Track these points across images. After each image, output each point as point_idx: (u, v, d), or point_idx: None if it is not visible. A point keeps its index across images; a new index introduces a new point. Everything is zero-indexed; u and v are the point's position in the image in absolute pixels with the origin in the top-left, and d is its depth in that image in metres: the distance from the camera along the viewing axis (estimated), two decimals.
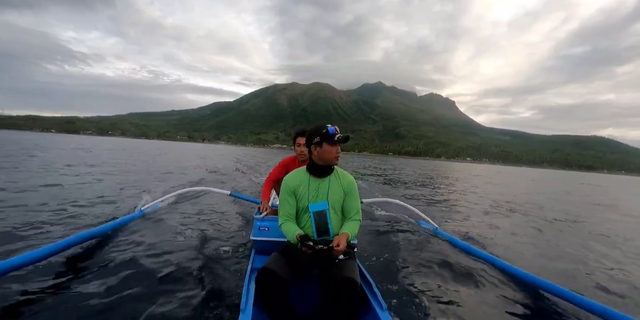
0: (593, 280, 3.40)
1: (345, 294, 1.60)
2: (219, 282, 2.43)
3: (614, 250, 4.89)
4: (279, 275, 1.65)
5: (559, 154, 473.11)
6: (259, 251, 2.36)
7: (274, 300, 1.66)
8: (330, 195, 1.97)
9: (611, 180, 58.59)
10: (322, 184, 1.98)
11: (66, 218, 4.09)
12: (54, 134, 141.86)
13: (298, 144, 2.90)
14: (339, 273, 1.66)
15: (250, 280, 1.88)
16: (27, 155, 13.53)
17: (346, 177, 2.04)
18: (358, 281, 1.65)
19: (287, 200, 1.99)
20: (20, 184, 6.26)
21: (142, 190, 6.63)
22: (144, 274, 2.49)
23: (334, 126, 1.90)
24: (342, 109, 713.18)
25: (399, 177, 18.22)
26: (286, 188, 2.00)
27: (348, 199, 2.00)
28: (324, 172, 1.98)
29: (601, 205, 11.88)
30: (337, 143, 1.91)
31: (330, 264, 1.76)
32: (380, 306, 1.65)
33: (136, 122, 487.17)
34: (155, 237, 3.43)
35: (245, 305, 1.60)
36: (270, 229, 2.29)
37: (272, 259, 1.78)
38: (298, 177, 2.02)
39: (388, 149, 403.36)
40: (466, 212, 7.33)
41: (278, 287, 1.65)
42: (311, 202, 1.95)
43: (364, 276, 1.91)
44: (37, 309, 1.94)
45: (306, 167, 2.05)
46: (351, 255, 1.83)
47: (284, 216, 1.98)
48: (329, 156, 1.93)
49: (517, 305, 2.55)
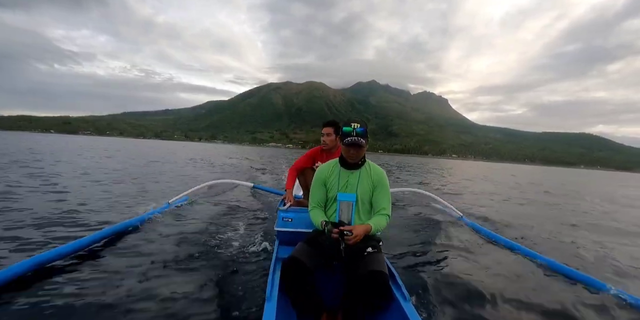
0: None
1: (373, 286, 1.62)
2: (245, 271, 2.50)
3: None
4: (305, 264, 1.66)
5: (547, 151, 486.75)
6: (283, 242, 2.36)
7: (299, 289, 1.68)
8: (360, 188, 1.97)
9: (583, 174, 65.44)
10: (351, 176, 2.00)
11: (104, 211, 4.28)
12: (55, 135, 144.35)
13: (323, 134, 3.03)
14: (367, 266, 1.68)
15: (275, 270, 1.90)
16: (55, 160, 11.93)
17: (377, 171, 2.03)
18: (386, 273, 1.66)
19: (318, 189, 2.05)
20: (59, 184, 6.17)
21: (183, 182, 7.43)
22: (173, 264, 2.59)
23: (353, 123, 1.87)
24: (337, 108, 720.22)
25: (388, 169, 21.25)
26: (318, 178, 2.07)
27: (377, 193, 1.99)
28: (352, 166, 2.00)
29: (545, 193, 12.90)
30: (348, 146, 1.91)
31: (358, 257, 1.78)
32: (404, 297, 1.64)
33: (132, 122, 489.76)
34: (182, 228, 3.60)
35: (270, 294, 1.62)
36: (293, 220, 2.30)
37: (298, 248, 1.80)
38: (330, 168, 2.06)
39: (378, 146, 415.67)
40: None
41: (303, 276, 1.66)
42: (340, 191, 1.98)
43: (388, 268, 1.87)
44: (70, 301, 1.96)
45: (338, 158, 2.07)
46: (378, 248, 1.85)
47: (314, 203, 2.04)
48: (345, 154, 1.98)
49: (545, 295, 2.46)
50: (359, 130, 1.87)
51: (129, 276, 2.34)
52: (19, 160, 10.43)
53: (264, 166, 16.29)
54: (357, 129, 1.87)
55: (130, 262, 2.60)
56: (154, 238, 3.22)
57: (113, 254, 2.76)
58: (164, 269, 2.50)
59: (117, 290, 2.13)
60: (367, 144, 1.94)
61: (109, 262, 2.57)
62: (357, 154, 1.94)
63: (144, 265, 2.55)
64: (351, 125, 1.87)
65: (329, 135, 3.00)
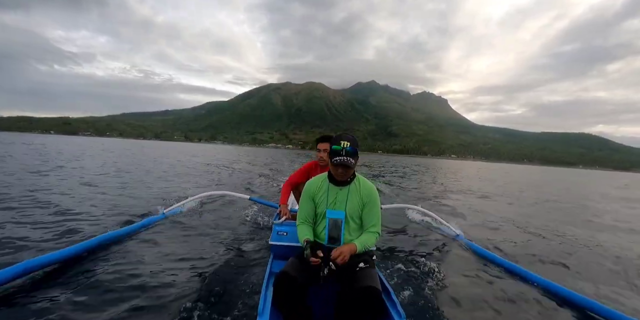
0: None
1: (366, 302, 1.57)
2: (238, 286, 2.47)
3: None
4: (296, 279, 1.63)
5: (547, 151, 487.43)
6: (277, 256, 2.35)
7: (290, 305, 1.65)
8: (349, 205, 1.93)
9: (580, 174, 66.08)
10: (340, 192, 1.96)
11: (100, 217, 4.31)
12: (55, 135, 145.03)
13: (319, 150, 2.99)
14: (360, 281, 1.63)
15: (268, 284, 1.86)
16: (74, 159, 13.47)
17: (367, 187, 1.98)
18: (379, 289, 1.61)
19: (307, 204, 2.02)
20: (58, 186, 6.42)
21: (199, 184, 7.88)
22: (163, 276, 2.55)
23: (343, 142, 1.83)
24: (336, 108, 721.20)
25: (385, 169, 22.67)
26: (307, 192, 2.03)
27: (367, 210, 1.95)
28: (341, 182, 1.95)
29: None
30: (337, 166, 1.86)
31: (350, 272, 1.75)
32: (399, 315, 1.62)
33: (131, 122, 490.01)
34: (176, 239, 3.58)
35: (262, 309, 1.61)
36: (288, 234, 2.29)
37: (290, 263, 1.76)
38: (318, 183, 2.03)
39: (377, 147, 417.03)
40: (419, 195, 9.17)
41: (295, 291, 1.64)
42: (329, 208, 1.95)
43: (382, 284, 1.83)
44: (55, 306, 1.99)
45: (327, 173, 2.03)
46: (371, 263, 1.81)
47: (301, 218, 2.01)
48: (334, 172, 1.94)
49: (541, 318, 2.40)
50: (349, 149, 1.83)
51: (115, 285, 2.35)
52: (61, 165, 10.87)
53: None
54: (347, 148, 1.82)
55: (119, 270, 2.60)
56: (145, 248, 3.23)
57: (102, 262, 2.75)
58: (154, 280, 2.48)
59: (101, 299, 2.14)
60: (358, 161, 1.92)
61: (97, 270, 2.58)
62: (346, 174, 1.90)
63: (133, 274, 2.55)
64: (341, 143, 1.83)
65: (325, 151, 2.93)
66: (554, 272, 3.51)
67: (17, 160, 11.52)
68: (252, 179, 11.12)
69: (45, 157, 13.70)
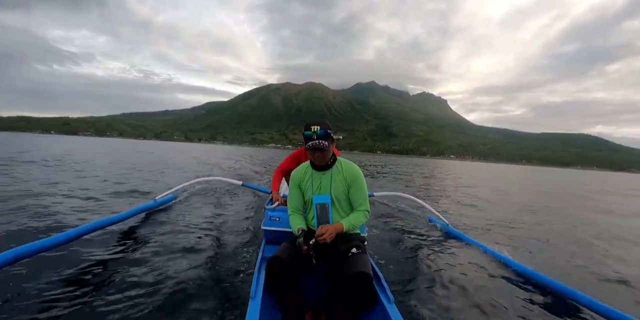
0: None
1: (358, 287, 1.61)
2: (230, 270, 2.50)
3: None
4: (288, 263, 1.66)
5: (546, 152, 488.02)
6: (270, 241, 2.37)
7: (282, 289, 1.69)
8: (333, 187, 1.95)
9: (576, 174, 66.09)
10: (323, 177, 1.98)
11: (97, 203, 4.37)
12: (56, 135, 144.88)
13: None
14: (351, 267, 1.65)
15: (261, 269, 1.90)
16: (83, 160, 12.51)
17: (350, 168, 1.99)
18: (371, 275, 1.64)
19: (294, 192, 2.05)
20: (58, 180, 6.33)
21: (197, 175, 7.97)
22: (156, 262, 2.56)
23: (313, 126, 1.85)
24: (336, 109, 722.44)
25: (382, 168, 22.38)
26: (293, 181, 2.05)
27: (353, 190, 1.96)
28: (323, 167, 1.97)
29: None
30: (312, 150, 1.88)
31: (342, 257, 1.77)
32: (388, 299, 1.65)
33: (131, 122, 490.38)
34: (168, 226, 3.58)
35: (255, 293, 1.64)
36: (281, 219, 2.30)
37: (282, 248, 1.79)
38: (303, 171, 2.04)
39: (377, 147, 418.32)
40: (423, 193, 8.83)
41: (287, 275, 1.67)
42: (315, 194, 1.97)
43: (372, 269, 1.86)
44: (48, 295, 1.99)
45: (310, 161, 2.05)
46: (362, 248, 1.83)
47: (292, 208, 2.05)
48: (311, 158, 1.96)
49: (526, 304, 2.45)
50: (320, 132, 1.84)
51: (105, 271, 2.37)
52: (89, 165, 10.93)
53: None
54: (317, 132, 1.84)
55: (109, 257, 2.64)
56: (137, 235, 3.26)
57: (92, 249, 2.77)
58: (146, 266, 2.49)
59: (91, 285, 2.15)
60: (334, 143, 1.94)
61: (87, 257, 2.59)
62: (323, 157, 1.91)
63: (125, 261, 2.57)
64: (311, 128, 1.85)
65: None
66: (529, 257, 3.75)
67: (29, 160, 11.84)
68: (247, 170, 11.70)
69: (48, 153, 14.04)
